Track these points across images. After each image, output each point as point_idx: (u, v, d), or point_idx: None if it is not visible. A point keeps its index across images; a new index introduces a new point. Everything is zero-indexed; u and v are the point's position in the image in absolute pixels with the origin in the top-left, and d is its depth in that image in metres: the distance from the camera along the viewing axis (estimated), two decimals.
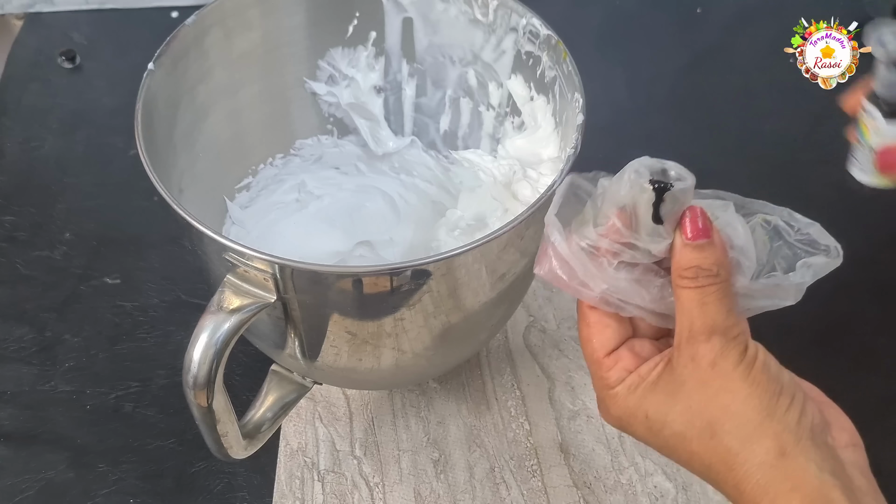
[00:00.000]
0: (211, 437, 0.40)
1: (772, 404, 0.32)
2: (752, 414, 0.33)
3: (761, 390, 0.33)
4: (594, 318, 0.37)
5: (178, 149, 0.46)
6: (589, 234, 0.35)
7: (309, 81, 0.54)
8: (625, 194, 0.34)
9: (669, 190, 0.33)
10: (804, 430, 0.32)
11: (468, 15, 0.49)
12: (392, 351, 0.41)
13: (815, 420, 0.33)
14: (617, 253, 0.35)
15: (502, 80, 0.51)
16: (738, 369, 0.33)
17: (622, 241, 0.35)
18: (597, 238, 0.35)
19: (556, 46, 0.45)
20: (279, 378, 0.46)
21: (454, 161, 0.56)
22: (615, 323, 0.37)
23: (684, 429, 0.34)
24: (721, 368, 0.33)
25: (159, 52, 0.44)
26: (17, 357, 0.55)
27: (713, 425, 0.33)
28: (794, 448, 0.32)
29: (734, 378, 0.33)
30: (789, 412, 0.32)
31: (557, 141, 0.48)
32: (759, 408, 0.32)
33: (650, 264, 0.35)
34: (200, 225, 0.36)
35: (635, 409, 0.36)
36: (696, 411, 0.34)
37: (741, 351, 0.33)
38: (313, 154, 0.57)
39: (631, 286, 0.35)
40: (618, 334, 0.37)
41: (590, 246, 0.35)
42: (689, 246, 0.34)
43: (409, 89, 0.55)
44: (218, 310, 0.36)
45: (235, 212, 0.53)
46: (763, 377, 0.33)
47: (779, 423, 0.32)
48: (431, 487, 0.50)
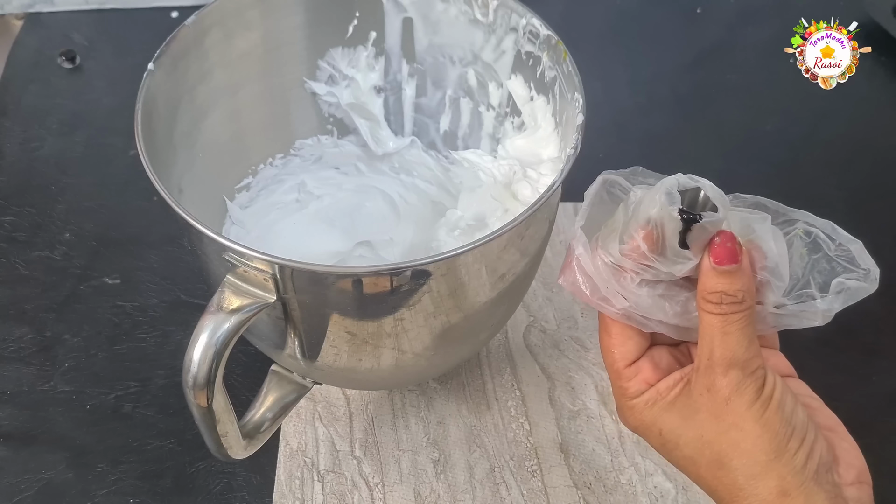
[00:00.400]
0: (211, 438, 0.40)
1: (781, 447, 0.33)
2: (761, 455, 0.33)
3: (772, 434, 0.33)
4: (616, 329, 0.37)
5: (178, 149, 0.46)
6: (613, 252, 0.35)
7: (309, 81, 0.54)
8: (654, 215, 0.34)
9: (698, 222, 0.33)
10: (809, 471, 0.33)
11: (468, 15, 0.49)
12: (392, 351, 0.41)
13: (823, 459, 0.34)
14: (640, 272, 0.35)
15: (502, 80, 0.51)
16: (753, 409, 0.33)
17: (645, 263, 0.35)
18: (620, 257, 0.35)
19: (556, 46, 0.45)
20: (279, 378, 0.46)
21: (454, 161, 0.56)
22: (637, 335, 0.37)
23: (694, 455, 0.35)
24: (735, 406, 0.34)
25: (159, 53, 0.43)
26: (17, 357, 0.55)
27: (722, 458, 0.34)
28: (797, 489, 0.33)
29: (747, 418, 0.33)
30: (797, 455, 0.33)
31: (557, 141, 0.48)
32: (768, 449, 0.33)
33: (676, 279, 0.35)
34: (200, 225, 0.36)
35: (651, 423, 0.37)
36: (706, 442, 0.35)
37: (758, 388, 0.34)
38: (313, 154, 0.57)
39: (654, 302, 0.36)
40: (639, 346, 0.38)
41: (614, 263, 0.36)
42: (716, 269, 0.34)
43: (409, 89, 0.55)
44: (218, 310, 0.36)
45: (235, 212, 0.53)
46: (776, 419, 0.33)
47: (785, 465, 0.33)
48: (431, 487, 0.50)
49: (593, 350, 0.56)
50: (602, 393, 0.54)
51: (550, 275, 0.59)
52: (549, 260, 0.59)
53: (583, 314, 0.57)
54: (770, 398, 0.34)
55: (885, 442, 0.52)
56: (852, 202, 0.65)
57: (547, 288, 0.58)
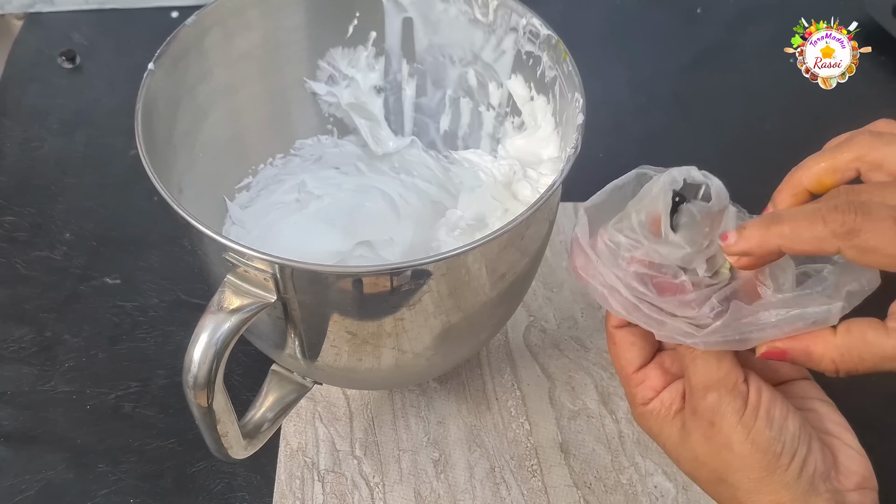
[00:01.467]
0: (211, 437, 0.40)
1: (772, 464, 0.33)
2: (752, 473, 0.34)
3: (761, 452, 0.33)
4: (619, 336, 0.38)
5: (178, 149, 0.46)
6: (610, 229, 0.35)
7: (309, 81, 0.54)
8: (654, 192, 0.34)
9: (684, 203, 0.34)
10: (804, 483, 0.33)
11: (468, 15, 0.49)
12: (392, 351, 0.41)
13: (819, 469, 0.34)
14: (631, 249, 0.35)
15: (502, 80, 0.51)
16: (738, 429, 0.34)
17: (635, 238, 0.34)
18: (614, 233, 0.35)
19: (556, 46, 0.45)
20: (279, 378, 0.46)
21: (454, 161, 0.56)
22: (640, 340, 0.38)
23: (693, 472, 0.36)
24: (720, 427, 0.34)
25: (159, 53, 0.43)
26: (17, 357, 0.55)
27: (719, 474, 0.35)
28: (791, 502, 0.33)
29: (734, 439, 0.34)
30: (790, 469, 0.33)
31: (557, 141, 0.48)
32: (759, 467, 0.33)
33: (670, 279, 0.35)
34: (200, 225, 0.36)
35: (656, 434, 0.38)
36: (702, 462, 0.35)
37: (739, 406, 0.34)
38: (313, 154, 0.57)
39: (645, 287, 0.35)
40: (644, 351, 0.38)
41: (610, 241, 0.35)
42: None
43: (409, 89, 0.55)
44: (218, 310, 0.36)
45: (235, 212, 0.53)
46: (763, 435, 0.33)
47: (778, 481, 0.33)
48: (431, 487, 0.50)
49: (593, 350, 0.56)
50: (602, 393, 0.54)
51: (550, 275, 0.59)
52: (549, 260, 0.59)
53: (583, 314, 0.57)
54: (756, 412, 0.34)
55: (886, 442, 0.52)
56: None
57: (547, 288, 0.58)
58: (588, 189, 0.37)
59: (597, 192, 0.37)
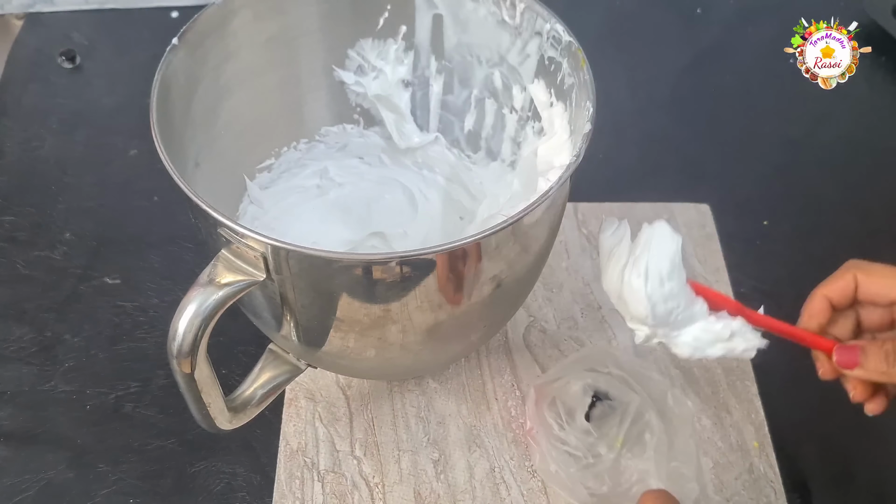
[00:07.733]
0: (196, 407, 0.41)
1: None
2: None
3: None
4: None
5: (198, 124, 0.46)
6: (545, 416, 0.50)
7: (338, 70, 0.54)
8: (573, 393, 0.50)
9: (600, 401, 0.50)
10: None
11: (496, 16, 0.49)
12: (378, 341, 0.42)
13: None
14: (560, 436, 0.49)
15: (525, 84, 0.51)
16: None
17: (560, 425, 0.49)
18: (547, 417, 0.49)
19: (575, 53, 0.45)
20: (275, 357, 0.47)
21: (476, 161, 0.57)
22: None
23: None
24: None
25: (185, 29, 0.44)
26: (17, 357, 0.55)
27: None
28: None
29: None
30: None
31: (570, 149, 0.48)
32: None
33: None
34: (196, 198, 0.36)
35: None
36: None
37: None
38: (338, 142, 0.57)
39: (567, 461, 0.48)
40: None
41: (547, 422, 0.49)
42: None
43: (436, 86, 0.55)
44: (208, 283, 0.37)
45: (254, 191, 0.54)
46: None
47: None
48: (431, 487, 0.50)
49: None
50: None
51: (550, 275, 0.59)
52: (549, 260, 0.59)
53: (583, 314, 0.57)
54: None
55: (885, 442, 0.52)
56: (852, 202, 0.65)
57: (547, 288, 0.58)
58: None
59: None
